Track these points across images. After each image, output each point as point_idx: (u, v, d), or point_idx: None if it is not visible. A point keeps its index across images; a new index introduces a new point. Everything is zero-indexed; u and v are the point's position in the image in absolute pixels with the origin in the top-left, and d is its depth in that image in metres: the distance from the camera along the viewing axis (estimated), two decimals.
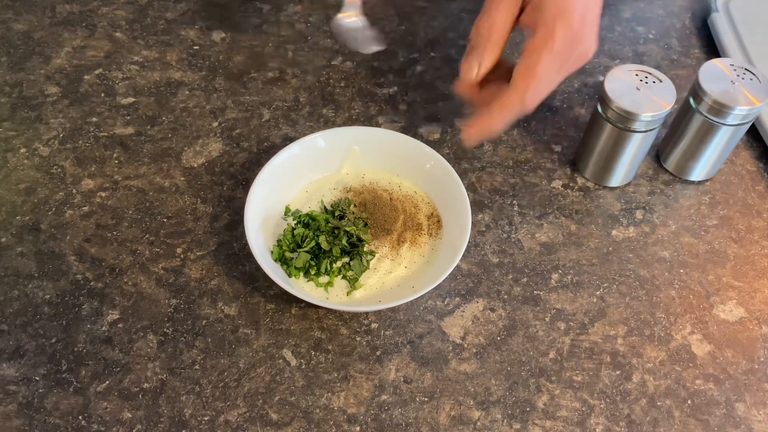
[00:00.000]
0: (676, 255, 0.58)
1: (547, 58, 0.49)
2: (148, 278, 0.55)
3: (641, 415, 0.50)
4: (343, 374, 0.51)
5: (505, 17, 0.51)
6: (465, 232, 0.52)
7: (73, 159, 0.62)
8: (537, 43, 0.49)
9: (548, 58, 0.49)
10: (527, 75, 0.50)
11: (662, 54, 0.74)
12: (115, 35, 0.72)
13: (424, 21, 0.75)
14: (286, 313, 0.54)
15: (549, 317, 0.54)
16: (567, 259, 0.58)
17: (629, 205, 0.61)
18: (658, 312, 0.55)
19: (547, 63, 0.49)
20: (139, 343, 0.52)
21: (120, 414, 0.48)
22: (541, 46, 0.49)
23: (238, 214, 0.59)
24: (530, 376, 0.51)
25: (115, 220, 0.58)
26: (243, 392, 0.50)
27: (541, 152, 0.65)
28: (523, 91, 0.50)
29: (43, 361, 0.50)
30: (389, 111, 0.67)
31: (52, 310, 0.53)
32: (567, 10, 0.49)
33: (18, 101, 0.66)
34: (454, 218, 0.55)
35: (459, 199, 0.54)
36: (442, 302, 0.55)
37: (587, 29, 0.50)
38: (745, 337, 0.54)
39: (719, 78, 0.57)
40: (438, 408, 0.50)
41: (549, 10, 0.49)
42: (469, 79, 0.52)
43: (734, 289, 0.57)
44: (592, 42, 0.51)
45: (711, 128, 0.58)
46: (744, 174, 0.64)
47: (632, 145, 0.58)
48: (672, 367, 0.52)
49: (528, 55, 0.50)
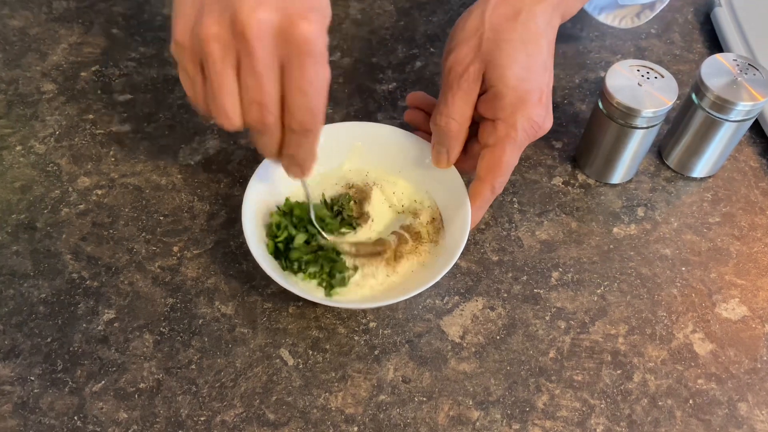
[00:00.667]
0: (678, 253, 0.58)
1: (509, 150, 0.49)
2: (144, 277, 0.54)
3: (642, 415, 0.49)
4: (340, 374, 0.50)
5: (463, 110, 0.50)
6: (464, 232, 0.51)
7: (69, 157, 0.61)
8: (499, 136, 0.49)
9: (511, 149, 0.50)
10: (493, 168, 0.50)
11: (664, 49, 0.73)
12: (112, 31, 0.71)
13: (424, 16, 0.75)
14: (283, 312, 0.53)
15: (549, 316, 0.54)
16: (567, 257, 0.57)
17: (630, 203, 0.61)
18: (659, 311, 0.54)
19: (510, 153, 0.50)
20: (135, 343, 0.51)
21: (116, 414, 0.48)
22: (503, 139, 0.49)
23: (235, 212, 0.58)
24: (530, 376, 0.51)
25: (112, 218, 0.58)
26: (240, 392, 0.49)
27: (541, 149, 0.64)
28: (491, 183, 0.50)
29: (38, 361, 0.50)
30: (388, 107, 0.66)
31: (48, 309, 0.52)
32: (526, 98, 0.48)
33: (14, 98, 0.65)
34: (454, 215, 0.54)
35: (459, 197, 0.53)
36: (441, 301, 0.54)
37: (544, 110, 0.50)
38: (747, 336, 0.53)
39: (722, 73, 0.56)
40: (437, 408, 0.49)
41: (507, 99, 0.48)
42: (441, 166, 0.54)
43: (737, 288, 0.56)
44: (550, 119, 0.51)
45: (713, 124, 0.57)
46: (747, 170, 0.63)
47: (634, 141, 0.57)
48: (673, 367, 0.52)
49: (492, 149, 0.50)
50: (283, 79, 0.39)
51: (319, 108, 0.41)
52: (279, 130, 0.42)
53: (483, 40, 0.49)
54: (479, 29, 0.49)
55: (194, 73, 0.41)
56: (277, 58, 0.38)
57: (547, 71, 0.50)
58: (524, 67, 0.48)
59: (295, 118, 0.40)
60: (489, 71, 0.49)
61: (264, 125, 0.41)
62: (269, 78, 0.39)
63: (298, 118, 0.40)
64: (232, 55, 0.38)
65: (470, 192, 0.52)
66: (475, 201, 0.51)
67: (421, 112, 0.57)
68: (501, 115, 0.49)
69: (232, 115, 0.40)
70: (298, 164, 0.45)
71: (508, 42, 0.48)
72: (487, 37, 0.49)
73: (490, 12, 0.49)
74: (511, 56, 0.48)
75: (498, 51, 0.48)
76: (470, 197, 0.52)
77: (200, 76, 0.41)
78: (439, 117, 0.51)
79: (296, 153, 0.43)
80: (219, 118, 0.41)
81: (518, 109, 0.48)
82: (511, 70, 0.48)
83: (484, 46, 0.49)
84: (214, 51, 0.38)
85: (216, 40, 0.38)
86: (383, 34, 0.73)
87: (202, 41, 0.38)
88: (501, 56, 0.48)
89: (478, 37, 0.49)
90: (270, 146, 0.43)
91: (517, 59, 0.48)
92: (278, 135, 0.42)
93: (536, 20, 0.49)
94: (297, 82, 0.39)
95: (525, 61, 0.48)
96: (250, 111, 0.40)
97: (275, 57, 0.38)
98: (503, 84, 0.48)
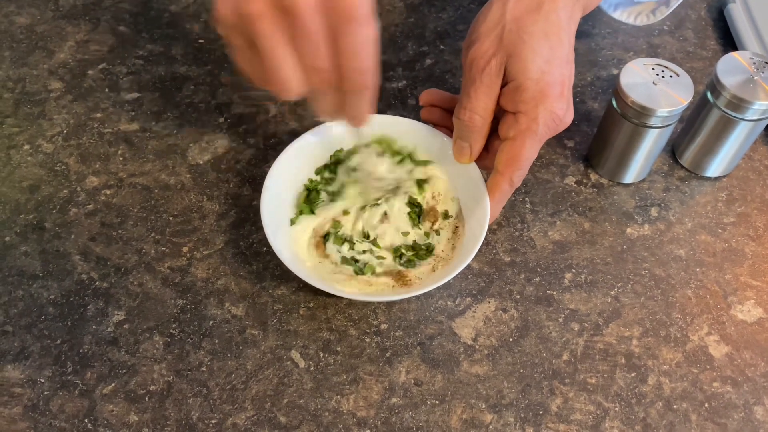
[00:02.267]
0: (692, 253, 0.57)
1: (530, 143, 0.49)
2: (153, 278, 0.54)
3: (657, 419, 0.49)
4: (352, 376, 0.50)
5: (486, 103, 0.50)
6: (483, 226, 0.50)
7: (77, 156, 0.61)
8: (520, 128, 0.49)
9: (531, 143, 0.49)
10: (513, 161, 0.50)
11: (677, 46, 0.72)
12: (119, 29, 0.71)
13: (433, 13, 0.74)
14: (294, 313, 0.53)
15: (562, 318, 0.53)
16: (580, 257, 0.56)
17: (644, 202, 0.60)
18: (674, 312, 0.54)
19: (531, 146, 0.49)
20: (145, 345, 0.51)
21: (126, 417, 0.48)
22: (524, 132, 0.49)
23: (245, 211, 0.58)
24: (543, 379, 0.50)
25: (120, 218, 0.57)
26: (251, 395, 0.49)
27: (553, 148, 0.63)
28: (510, 176, 0.50)
29: (48, 363, 0.50)
30: (398, 105, 0.66)
31: (57, 310, 0.52)
32: (548, 90, 0.48)
33: (21, 97, 0.65)
34: (473, 210, 0.53)
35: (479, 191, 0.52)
36: (452, 302, 0.54)
37: (566, 104, 0.49)
38: (763, 338, 0.53)
39: (738, 71, 0.55)
40: (449, 411, 0.49)
41: (529, 92, 0.48)
42: (463, 160, 0.53)
43: (752, 289, 0.55)
44: (571, 113, 0.50)
45: (729, 123, 0.57)
46: (762, 170, 0.63)
47: (648, 140, 0.56)
48: (688, 369, 0.51)
49: (512, 142, 0.49)
50: (335, 43, 0.40)
51: (370, 67, 0.41)
52: (337, 91, 0.42)
53: (505, 33, 0.48)
54: (500, 21, 0.48)
55: (245, 47, 0.40)
56: (326, 26, 0.39)
57: (569, 64, 0.49)
58: (547, 59, 0.48)
59: (350, 80, 0.41)
60: (511, 64, 0.48)
61: (325, 88, 0.41)
62: (323, 45, 0.39)
63: (353, 79, 0.41)
64: (283, 29, 0.38)
65: (488, 185, 0.51)
66: (493, 194, 0.51)
67: (437, 109, 0.57)
68: (523, 108, 0.48)
69: (291, 85, 0.41)
70: (356, 117, 0.45)
71: (531, 34, 0.48)
72: (509, 29, 0.48)
73: (512, 4, 0.48)
74: (533, 49, 0.47)
75: (520, 43, 0.48)
76: (489, 191, 0.51)
77: (250, 51, 0.40)
78: (462, 111, 0.51)
79: (354, 109, 0.44)
80: (277, 89, 0.41)
81: (540, 102, 0.48)
82: (533, 62, 0.47)
83: (505, 38, 0.48)
84: (264, 28, 0.38)
85: (263, 17, 0.38)
86: (393, 31, 0.72)
87: (248, 19, 0.38)
88: (524, 49, 0.48)
89: (499, 29, 0.48)
90: (329, 106, 0.44)
91: (539, 52, 0.47)
92: (336, 96, 0.43)
93: (558, 13, 0.48)
94: (347, 47, 0.39)
95: (547, 53, 0.48)
96: (311, 77, 0.41)
97: (324, 26, 0.39)
98: (526, 77, 0.48)
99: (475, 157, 0.53)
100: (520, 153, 0.49)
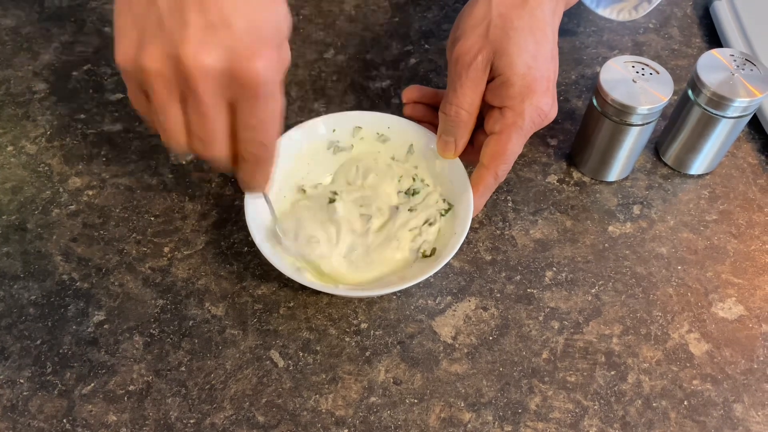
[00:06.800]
0: (674, 251, 0.57)
1: (516, 137, 0.49)
2: (134, 278, 0.54)
3: (636, 417, 0.49)
4: (331, 376, 0.50)
5: (472, 99, 0.50)
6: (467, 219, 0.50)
7: (60, 157, 0.61)
8: (506, 123, 0.49)
9: (517, 137, 0.49)
10: (498, 155, 0.50)
11: (662, 44, 0.72)
12: (104, 30, 0.71)
13: (418, 12, 0.74)
14: (274, 313, 0.53)
15: (542, 316, 0.53)
16: (562, 256, 0.56)
17: (626, 200, 0.60)
18: (654, 310, 0.54)
19: (516, 141, 0.49)
20: (125, 345, 0.51)
21: (105, 417, 0.48)
22: (510, 127, 0.49)
23: (227, 211, 0.58)
24: (522, 377, 0.50)
25: (102, 219, 0.57)
26: (230, 394, 0.49)
27: (536, 146, 0.63)
28: (495, 169, 0.50)
29: (27, 363, 0.50)
30: (382, 105, 0.66)
31: (38, 311, 0.52)
32: (534, 86, 0.48)
33: (5, 98, 0.65)
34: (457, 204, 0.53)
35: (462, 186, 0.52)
36: (433, 301, 0.54)
37: (551, 99, 0.50)
38: (744, 336, 0.53)
39: (718, 69, 0.55)
40: (428, 410, 0.49)
41: (516, 88, 0.48)
42: (447, 156, 0.53)
43: (734, 286, 0.55)
44: (555, 108, 0.50)
45: (710, 121, 0.57)
46: (745, 167, 0.62)
47: (629, 138, 0.56)
48: (668, 367, 0.51)
49: (498, 136, 0.50)
50: (233, 114, 0.39)
51: (272, 140, 0.41)
52: (228, 159, 0.42)
53: (491, 28, 0.48)
54: (486, 17, 0.49)
55: (139, 93, 0.40)
56: (225, 97, 0.38)
57: (554, 60, 0.50)
58: (532, 55, 0.48)
59: (248, 151, 0.41)
60: (497, 59, 0.48)
61: (209, 158, 0.41)
62: (215, 118, 0.38)
63: (250, 151, 0.41)
64: (177, 91, 0.38)
65: (473, 179, 0.51)
66: (477, 188, 0.51)
67: (421, 105, 0.57)
68: (509, 103, 0.49)
69: (178, 142, 0.40)
70: (249, 184, 0.45)
71: (517, 30, 0.48)
72: (495, 24, 0.48)
73: (498, 0, 0.48)
74: (519, 44, 0.48)
75: (506, 39, 0.48)
76: (473, 184, 0.51)
77: (145, 98, 0.40)
78: (448, 107, 0.51)
79: (248, 176, 0.44)
80: (166, 142, 0.41)
81: (526, 97, 0.48)
82: (520, 57, 0.48)
83: (491, 34, 0.48)
84: (157, 86, 0.37)
85: (159, 75, 0.37)
86: (377, 30, 0.72)
87: (145, 73, 0.37)
88: (509, 44, 0.48)
89: (485, 25, 0.48)
90: (221, 168, 0.43)
91: (525, 47, 0.48)
92: (228, 162, 0.42)
93: (543, 8, 0.49)
94: (246, 121, 0.39)
95: (533, 49, 0.48)
96: (194, 145, 0.40)
97: (222, 97, 0.38)
98: (512, 72, 0.48)
99: (459, 152, 0.53)
100: (505, 147, 0.49)
